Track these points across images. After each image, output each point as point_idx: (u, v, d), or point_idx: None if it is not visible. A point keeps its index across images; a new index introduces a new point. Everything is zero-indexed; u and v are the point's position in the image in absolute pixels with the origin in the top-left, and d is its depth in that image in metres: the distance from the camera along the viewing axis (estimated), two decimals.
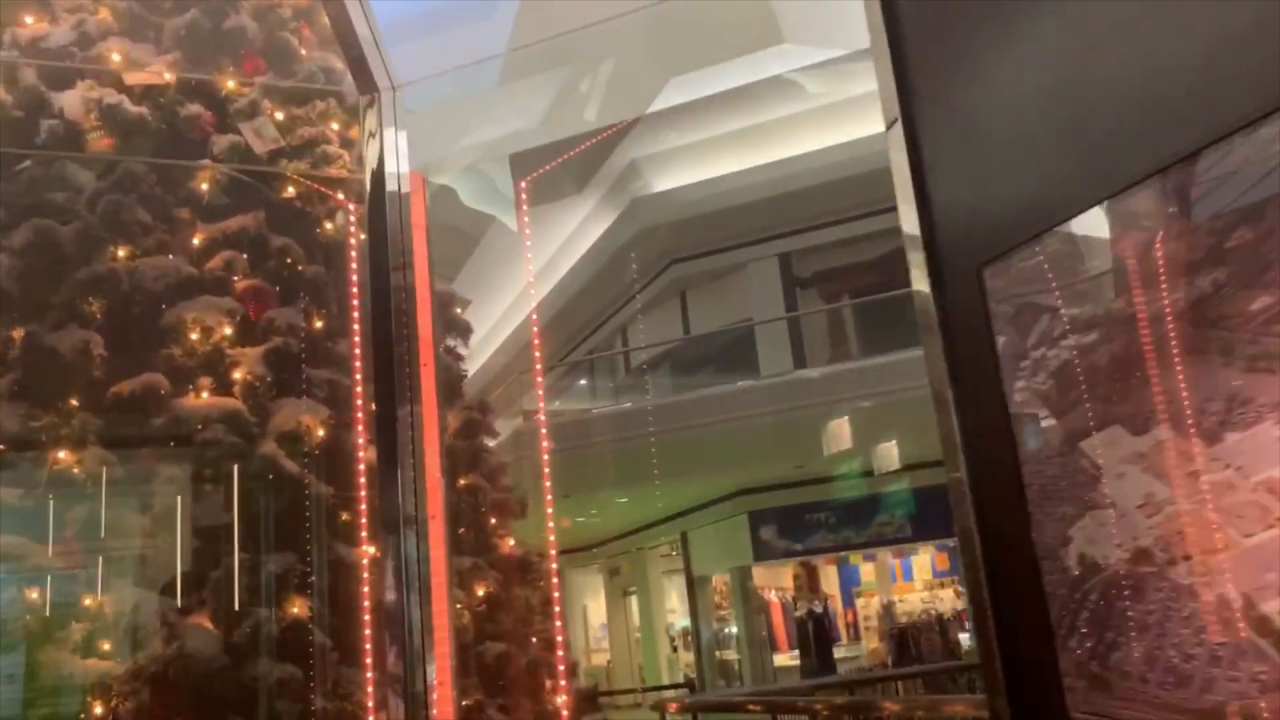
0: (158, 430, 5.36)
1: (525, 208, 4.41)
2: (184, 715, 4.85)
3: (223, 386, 5.60)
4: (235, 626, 5.13)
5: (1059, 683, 1.85)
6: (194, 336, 5.60)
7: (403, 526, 3.62)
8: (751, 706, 5.78)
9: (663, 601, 19.39)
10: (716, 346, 17.74)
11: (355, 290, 4.52)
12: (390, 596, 5.12)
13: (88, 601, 5.05)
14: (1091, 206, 1.79)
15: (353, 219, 4.75)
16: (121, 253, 5.70)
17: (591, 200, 16.59)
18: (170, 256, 5.80)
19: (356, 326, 4.53)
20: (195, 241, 5.96)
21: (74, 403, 5.33)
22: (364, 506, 4.64)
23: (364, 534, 4.59)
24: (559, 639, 4.74)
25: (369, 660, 4.41)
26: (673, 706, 6.25)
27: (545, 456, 4.39)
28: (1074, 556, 1.80)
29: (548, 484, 4.28)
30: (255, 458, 5.41)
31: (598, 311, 19.45)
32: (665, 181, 16.24)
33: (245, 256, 5.94)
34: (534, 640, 6.32)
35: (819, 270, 17.52)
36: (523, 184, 4.40)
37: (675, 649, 19.27)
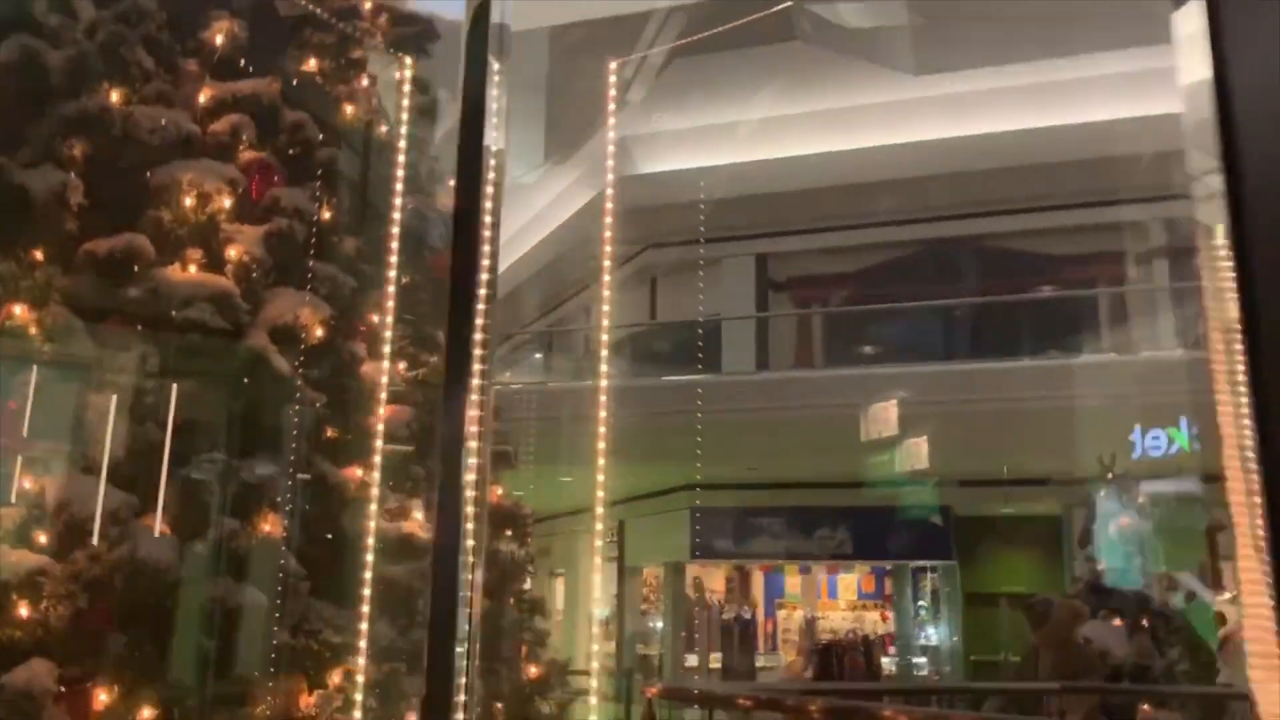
0: (133, 301, 4.62)
1: (613, 93, 3.81)
2: (126, 627, 4.14)
3: (214, 263, 4.87)
4: (197, 536, 4.42)
5: None
6: (188, 202, 4.86)
7: (464, 453, 2.97)
8: (741, 701, 5.27)
9: (589, 587, 18.86)
10: (681, 337, 17.30)
11: (400, 157, 3.86)
12: (408, 529, 4.46)
13: (28, 485, 4.28)
14: None
15: (407, 72, 4.13)
16: (116, 95, 4.93)
17: (572, 174, 16.01)
18: (171, 109, 5.05)
19: (398, 201, 3.86)
20: (201, 99, 5.22)
21: (39, 254, 4.55)
22: (380, 426, 4.00)
23: (376, 457, 3.96)
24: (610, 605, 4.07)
25: (366, 592, 3.76)
26: (651, 691, 5.73)
27: (603, 395, 3.77)
28: None
29: (603, 428, 3.65)
30: (241, 348, 4.71)
31: (563, 288, 18.86)
32: (650, 165, 15.74)
33: (255, 125, 5.22)
34: (512, 600, 5.70)
35: (794, 276, 17.23)
36: (612, 65, 3.79)
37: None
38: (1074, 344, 13.15)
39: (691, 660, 16.52)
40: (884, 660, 16.72)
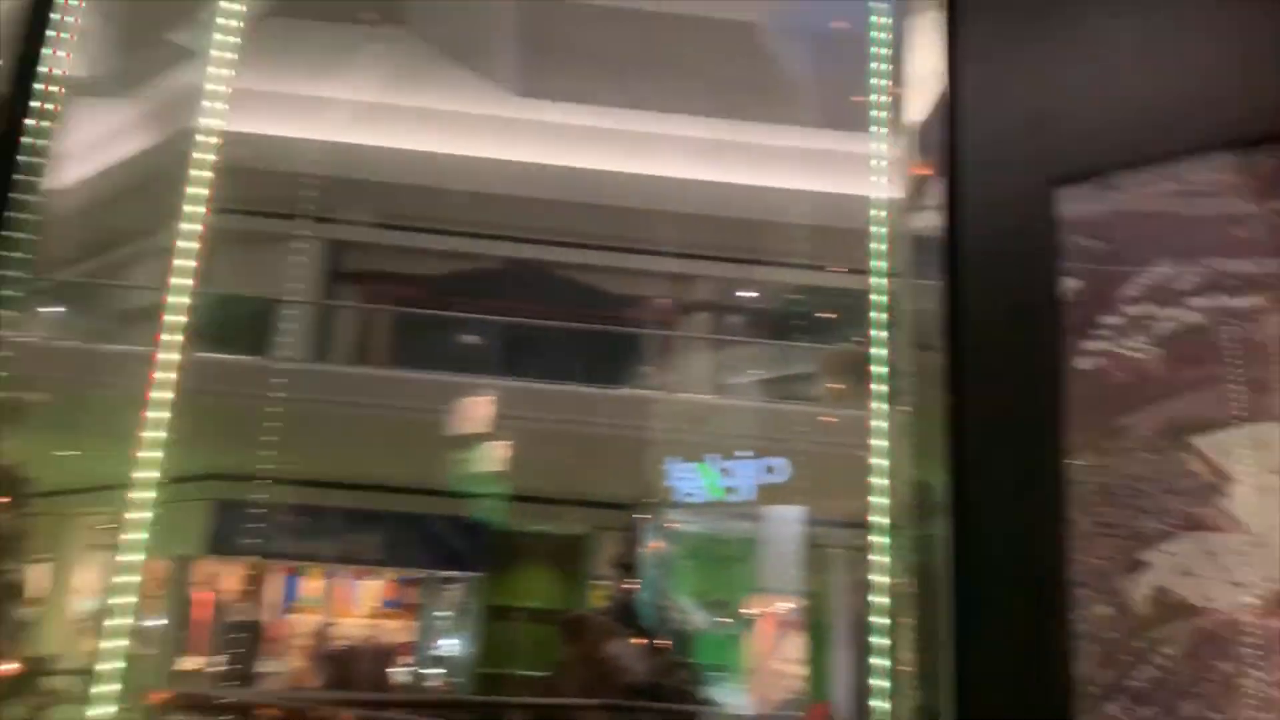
0: None
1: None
2: None
3: None
4: None
5: None
6: None
7: None
8: (264, 710, 4.73)
9: (78, 577, 16.58)
10: (223, 314, 15.84)
11: None
12: None
13: None
14: None
15: None
16: None
17: (135, 111, 14.14)
18: None
19: None
20: None
21: None
22: None
23: None
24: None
25: None
26: (154, 697, 4.96)
27: (168, 355, 3.14)
28: (1145, 589, 1.38)
29: (168, 394, 3.03)
30: None
31: (102, 237, 16.44)
32: (229, 122, 14.31)
33: None
34: None
35: (368, 270, 16.67)
36: None
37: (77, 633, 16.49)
38: (622, 377, 14.02)
39: (189, 663, 15.15)
40: (397, 670, 16.50)
